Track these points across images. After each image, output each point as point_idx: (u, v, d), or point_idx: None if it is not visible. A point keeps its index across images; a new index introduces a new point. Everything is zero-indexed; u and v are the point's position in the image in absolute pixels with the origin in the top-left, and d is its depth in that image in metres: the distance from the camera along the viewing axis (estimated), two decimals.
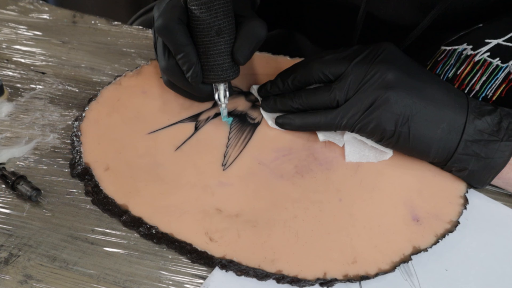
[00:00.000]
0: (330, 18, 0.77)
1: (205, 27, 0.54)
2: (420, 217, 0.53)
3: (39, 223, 0.52)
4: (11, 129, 0.62)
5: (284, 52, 0.72)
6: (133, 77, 0.67)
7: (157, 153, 0.58)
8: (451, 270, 0.50)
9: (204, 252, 0.49)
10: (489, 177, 0.54)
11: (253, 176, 0.56)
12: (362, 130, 0.55)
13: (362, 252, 0.50)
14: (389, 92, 0.53)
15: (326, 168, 0.57)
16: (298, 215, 0.52)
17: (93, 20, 0.80)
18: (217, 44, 0.55)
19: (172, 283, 0.48)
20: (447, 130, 0.53)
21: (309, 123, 0.57)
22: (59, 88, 0.68)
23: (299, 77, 0.58)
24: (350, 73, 0.55)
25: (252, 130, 0.61)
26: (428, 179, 0.56)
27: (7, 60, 0.72)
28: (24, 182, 0.54)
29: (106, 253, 0.50)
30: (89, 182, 0.55)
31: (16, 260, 0.49)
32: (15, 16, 0.80)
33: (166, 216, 0.52)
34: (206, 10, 0.53)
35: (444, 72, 0.62)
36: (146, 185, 0.55)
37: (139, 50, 0.75)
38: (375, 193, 0.55)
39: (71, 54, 0.74)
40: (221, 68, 0.56)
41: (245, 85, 0.66)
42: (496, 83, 0.59)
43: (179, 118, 0.62)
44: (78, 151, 0.58)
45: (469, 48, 0.60)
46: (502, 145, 0.53)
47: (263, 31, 0.56)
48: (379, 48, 0.56)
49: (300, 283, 0.47)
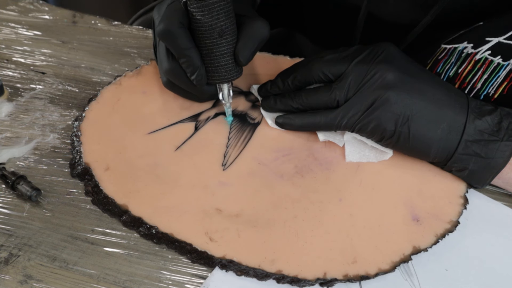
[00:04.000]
0: (330, 17, 0.77)
1: (207, 29, 0.54)
2: (420, 217, 0.53)
3: (39, 223, 0.52)
4: (11, 129, 0.62)
5: (284, 52, 0.72)
6: (133, 77, 0.67)
7: (157, 153, 0.58)
8: (451, 270, 0.50)
9: (204, 252, 0.49)
10: (489, 177, 0.54)
11: (253, 176, 0.56)
12: (362, 130, 0.55)
13: (362, 252, 0.50)
14: (389, 92, 0.53)
15: (326, 168, 0.57)
16: (298, 215, 0.52)
17: (93, 20, 0.80)
18: (220, 46, 0.55)
19: (172, 283, 0.48)
20: (447, 130, 0.53)
21: (309, 123, 0.57)
22: (59, 88, 0.68)
23: (299, 77, 0.58)
24: (350, 73, 0.55)
25: (252, 130, 0.61)
26: (428, 179, 0.56)
27: (7, 60, 0.72)
28: (24, 182, 0.54)
29: (106, 253, 0.50)
30: (89, 182, 0.55)
31: (16, 260, 0.49)
32: (15, 16, 0.80)
33: (166, 216, 0.52)
34: (207, 12, 0.53)
35: (445, 71, 0.62)
36: (146, 185, 0.55)
37: (139, 50, 0.75)
38: (375, 193, 0.55)
39: (71, 54, 0.74)
40: (225, 69, 0.56)
41: (245, 85, 0.66)
42: (498, 81, 0.58)
43: (179, 118, 0.62)
44: (78, 151, 0.58)
45: (469, 46, 0.60)
46: (502, 145, 0.52)
47: (265, 30, 0.56)
48: (379, 48, 0.56)
49: (300, 283, 0.47)
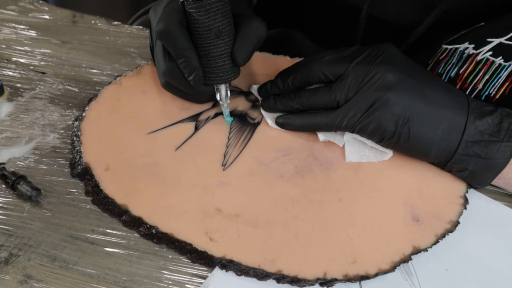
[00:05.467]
0: (331, 18, 0.77)
1: (204, 29, 0.54)
2: (420, 217, 0.53)
3: (39, 223, 0.52)
4: (11, 129, 0.62)
5: (284, 52, 0.72)
6: (133, 77, 0.67)
7: (157, 153, 0.58)
8: (451, 270, 0.50)
9: (204, 252, 0.49)
10: (489, 177, 0.54)
11: (253, 176, 0.56)
12: (362, 130, 0.55)
13: (362, 252, 0.50)
14: (389, 93, 0.53)
15: (326, 168, 0.57)
16: (298, 215, 0.52)
17: (93, 20, 0.80)
18: (217, 46, 0.55)
19: (172, 283, 0.48)
20: (448, 131, 0.53)
21: (309, 123, 0.57)
22: (59, 88, 0.68)
23: (299, 77, 0.58)
24: (350, 74, 0.55)
25: (252, 130, 0.61)
26: (428, 179, 0.56)
27: (7, 60, 0.72)
28: (24, 182, 0.54)
29: (106, 253, 0.50)
30: (89, 182, 0.55)
31: (16, 260, 0.49)
32: (15, 16, 0.80)
33: (166, 216, 0.52)
34: (204, 12, 0.53)
35: (446, 71, 0.62)
36: (146, 185, 0.55)
37: (139, 50, 0.75)
38: (375, 193, 0.55)
39: (71, 54, 0.74)
40: (222, 70, 0.56)
41: (245, 85, 0.66)
42: (499, 82, 0.59)
43: (179, 118, 0.62)
44: (78, 151, 0.58)
45: (471, 47, 0.60)
46: (502, 146, 0.52)
47: (262, 30, 0.56)
48: (379, 49, 0.56)
49: (300, 283, 0.47)
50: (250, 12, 0.58)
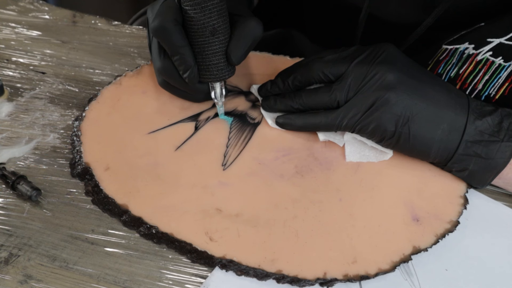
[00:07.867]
0: (331, 18, 0.77)
1: (200, 27, 0.54)
2: (420, 217, 0.53)
3: (39, 223, 0.52)
4: (11, 129, 0.62)
5: (284, 52, 0.72)
6: (133, 77, 0.67)
7: (157, 153, 0.58)
8: (451, 270, 0.50)
9: (204, 252, 0.49)
10: (489, 177, 0.54)
11: (253, 176, 0.56)
12: (362, 130, 0.55)
13: (362, 252, 0.50)
14: (389, 93, 0.53)
15: (326, 168, 0.57)
16: (298, 215, 0.52)
17: (93, 20, 0.80)
18: (212, 44, 0.55)
19: (173, 283, 0.48)
20: (448, 131, 0.53)
21: (309, 123, 0.57)
22: (59, 88, 0.68)
23: (299, 77, 0.58)
24: (350, 74, 0.55)
25: (252, 130, 0.61)
26: (428, 179, 0.56)
27: (7, 60, 0.72)
28: (24, 182, 0.54)
29: (106, 253, 0.50)
30: (89, 182, 0.55)
31: (16, 260, 0.49)
32: (15, 16, 0.80)
33: (166, 216, 0.52)
34: (200, 10, 0.53)
35: (446, 72, 0.62)
36: (146, 185, 0.55)
37: (139, 50, 0.75)
38: (375, 193, 0.55)
39: (71, 54, 0.74)
40: (217, 68, 0.56)
41: (245, 85, 0.66)
42: (499, 82, 0.59)
43: (179, 118, 0.62)
44: (78, 151, 0.58)
45: (471, 47, 0.60)
46: (502, 146, 0.53)
47: (258, 30, 0.56)
48: (379, 49, 0.56)
49: (300, 283, 0.47)
50: (248, 11, 0.58)
